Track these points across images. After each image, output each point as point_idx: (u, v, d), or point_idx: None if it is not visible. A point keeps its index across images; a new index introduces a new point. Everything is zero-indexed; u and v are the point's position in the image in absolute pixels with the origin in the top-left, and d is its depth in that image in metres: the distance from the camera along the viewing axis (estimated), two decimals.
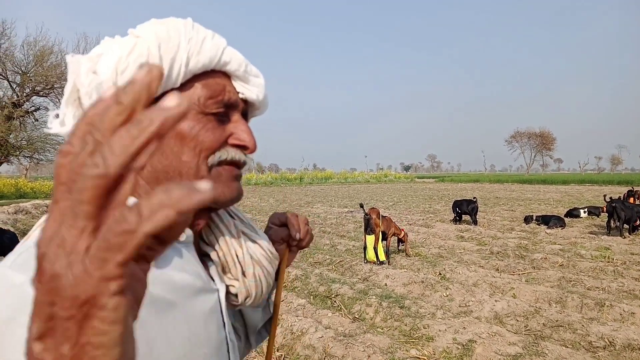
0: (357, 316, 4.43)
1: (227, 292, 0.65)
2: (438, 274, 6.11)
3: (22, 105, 18.83)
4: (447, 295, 5.02)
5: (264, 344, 3.16)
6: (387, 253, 6.88)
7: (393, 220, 7.42)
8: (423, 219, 12.06)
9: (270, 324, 0.84)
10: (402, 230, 7.31)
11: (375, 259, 6.55)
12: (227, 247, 0.64)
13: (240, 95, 0.61)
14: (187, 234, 0.59)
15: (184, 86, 0.56)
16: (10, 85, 18.60)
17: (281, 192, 32.08)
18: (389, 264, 6.58)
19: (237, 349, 0.67)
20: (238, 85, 0.61)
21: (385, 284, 5.63)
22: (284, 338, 3.81)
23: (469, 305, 4.67)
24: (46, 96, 20.20)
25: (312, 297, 5.07)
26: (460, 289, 5.11)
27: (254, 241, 0.67)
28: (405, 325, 4.15)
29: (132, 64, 0.52)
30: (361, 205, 7.15)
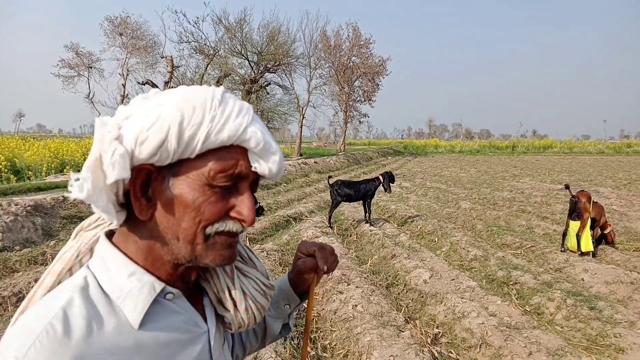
0: (530, 309, 4.12)
1: (223, 321, 0.73)
2: None
3: (258, 81, 22.72)
4: None
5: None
6: (596, 244, 5.94)
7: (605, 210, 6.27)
8: None
9: (286, 330, 0.96)
10: (609, 225, 6.15)
11: (576, 249, 5.76)
12: (220, 284, 0.71)
13: (253, 169, 0.62)
14: (175, 293, 0.65)
15: (198, 157, 0.59)
16: (250, 64, 22.51)
17: (487, 161, 30.00)
18: (593, 257, 5.69)
19: None
20: (253, 158, 0.62)
21: (582, 279, 4.95)
22: (445, 317, 3.92)
23: None
24: (274, 72, 23.81)
25: (486, 281, 4.92)
26: None
27: (247, 276, 0.74)
28: (592, 329, 3.67)
29: (152, 137, 0.55)
30: (567, 187, 6.27)
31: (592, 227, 5.97)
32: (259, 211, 8.39)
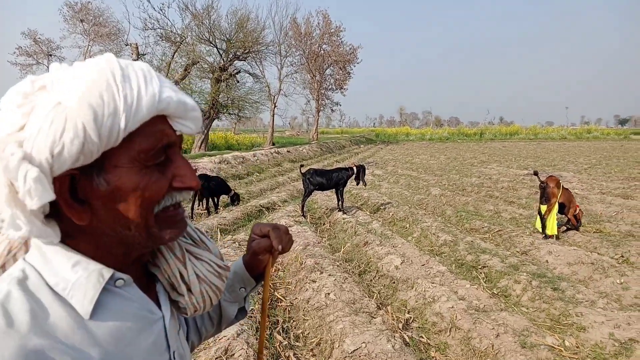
0: (498, 292, 4.24)
1: (178, 307, 0.70)
2: (620, 256, 5.21)
3: (227, 69, 22.22)
4: (622, 283, 4.30)
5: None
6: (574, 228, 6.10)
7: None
8: (622, 188, 10.03)
9: (242, 314, 0.95)
10: (577, 206, 6.35)
11: (540, 230, 5.96)
12: (170, 269, 0.67)
13: (177, 132, 0.60)
14: (126, 279, 0.61)
15: (123, 142, 0.54)
16: (219, 52, 21.90)
17: (456, 148, 30.64)
18: (557, 239, 5.88)
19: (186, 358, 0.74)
20: (174, 122, 0.59)
21: (546, 261, 5.13)
22: (416, 302, 3.97)
23: None
24: (244, 60, 23.33)
25: (455, 265, 5.02)
26: None
27: (200, 259, 0.71)
28: (555, 309, 3.80)
29: (68, 144, 0.49)
30: (535, 173, 6.40)
31: (562, 212, 6.15)
32: (233, 198, 8.31)
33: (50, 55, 28.67)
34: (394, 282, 4.51)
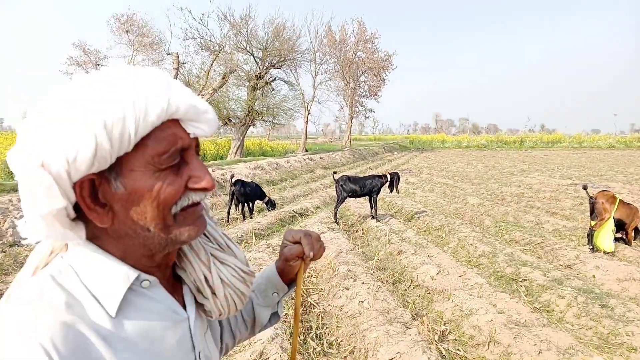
0: (540, 307, 4.05)
1: (204, 309, 0.72)
2: None
3: (263, 77, 22.64)
4: None
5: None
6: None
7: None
8: None
9: (275, 318, 0.97)
10: (638, 219, 5.92)
11: (587, 242, 5.67)
12: (195, 273, 0.70)
13: (191, 135, 0.61)
14: (151, 281, 0.63)
15: (137, 147, 0.56)
16: (255, 60, 22.39)
17: (494, 156, 29.76)
18: (608, 254, 5.52)
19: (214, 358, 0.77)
20: (187, 125, 0.60)
21: (593, 276, 4.86)
22: (453, 314, 3.86)
23: None
24: (280, 68, 23.74)
25: (494, 277, 4.84)
26: None
27: (224, 263, 0.73)
28: (603, 327, 3.59)
29: (82, 150, 0.51)
30: (584, 187, 6.01)
31: (623, 229, 5.80)
32: (268, 204, 8.42)
33: (98, 64, 30.13)
34: (429, 293, 4.41)
